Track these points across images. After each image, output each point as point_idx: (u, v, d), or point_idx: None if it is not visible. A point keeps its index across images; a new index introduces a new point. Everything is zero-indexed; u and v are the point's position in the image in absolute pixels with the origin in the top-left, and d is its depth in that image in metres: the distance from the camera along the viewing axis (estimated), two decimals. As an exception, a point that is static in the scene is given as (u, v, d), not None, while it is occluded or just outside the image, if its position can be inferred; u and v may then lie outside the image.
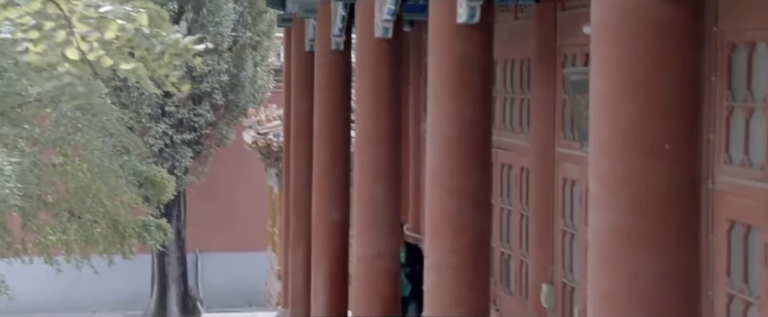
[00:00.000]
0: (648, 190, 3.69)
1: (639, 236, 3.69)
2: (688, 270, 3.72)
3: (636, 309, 3.68)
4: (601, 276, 3.77)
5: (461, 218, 6.23)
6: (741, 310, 5.96)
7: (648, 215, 3.69)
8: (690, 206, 3.75)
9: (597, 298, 3.79)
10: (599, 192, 3.78)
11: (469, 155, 6.22)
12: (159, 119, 20.85)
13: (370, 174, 8.78)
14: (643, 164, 3.69)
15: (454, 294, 6.21)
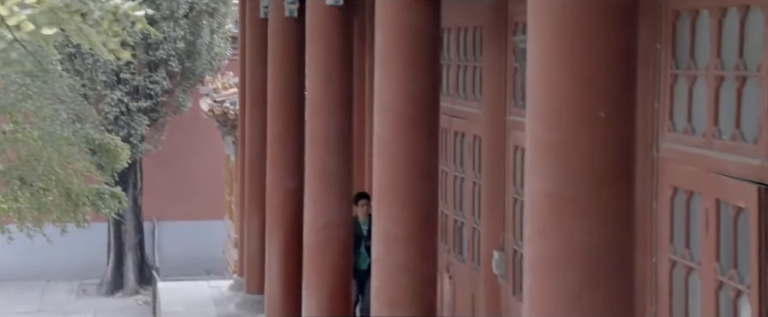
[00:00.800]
0: (583, 157, 3.72)
1: (574, 202, 3.73)
2: (622, 237, 3.77)
3: (570, 275, 3.73)
4: (537, 242, 3.82)
5: (408, 188, 6.26)
6: (683, 275, 6.04)
7: (583, 182, 3.73)
8: (625, 173, 3.80)
9: (533, 263, 3.83)
10: (535, 159, 3.81)
11: (416, 125, 6.25)
12: (114, 86, 20.67)
13: (322, 143, 8.79)
14: (579, 131, 3.72)
15: (401, 263, 6.25)
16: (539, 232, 3.80)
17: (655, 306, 6.29)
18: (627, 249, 3.81)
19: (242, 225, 14.22)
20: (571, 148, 3.72)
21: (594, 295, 3.74)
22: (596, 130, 3.72)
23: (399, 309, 6.24)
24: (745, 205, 5.28)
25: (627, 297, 3.81)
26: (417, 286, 6.24)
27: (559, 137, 3.74)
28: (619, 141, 3.77)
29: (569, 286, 3.73)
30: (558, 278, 3.75)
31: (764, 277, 5.15)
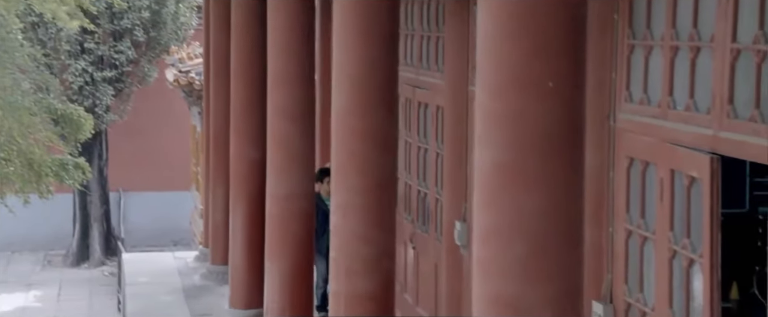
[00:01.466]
0: (531, 128, 3.73)
1: (522, 173, 3.75)
2: (570, 206, 3.79)
3: (518, 244, 3.75)
4: (486, 212, 3.83)
5: (366, 157, 6.26)
6: (638, 245, 6.09)
7: (531, 152, 3.74)
8: (573, 143, 3.81)
9: (482, 233, 3.85)
10: (484, 130, 3.82)
11: (374, 95, 6.24)
12: (78, 56, 20.49)
13: (284, 114, 8.77)
14: (527, 102, 3.73)
15: (358, 233, 6.26)
16: (488, 202, 3.81)
17: (611, 275, 6.35)
18: (575, 219, 3.83)
19: (207, 196, 14.18)
20: (519, 118, 3.73)
21: (542, 264, 3.77)
22: (545, 100, 3.73)
23: (356, 278, 6.26)
24: (698, 175, 5.32)
25: (576, 266, 3.84)
26: (374, 256, 6.25)
27: (507, 107, 3.74)
28: (568, 111, 3.78)
29: (518, 256, 3.75)
30: (507, 248, 3.77)
31: (715, 246, 5.21)
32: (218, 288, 12.63)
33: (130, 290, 13.32)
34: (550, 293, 3.76)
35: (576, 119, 3.82)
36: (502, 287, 3.77)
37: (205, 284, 13.15)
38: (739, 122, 5.03)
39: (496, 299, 3.79)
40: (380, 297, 6.24)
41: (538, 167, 3.73)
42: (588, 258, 6.45)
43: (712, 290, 5.20)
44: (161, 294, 12.79)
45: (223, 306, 11.65)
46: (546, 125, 3.73)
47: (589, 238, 6.44)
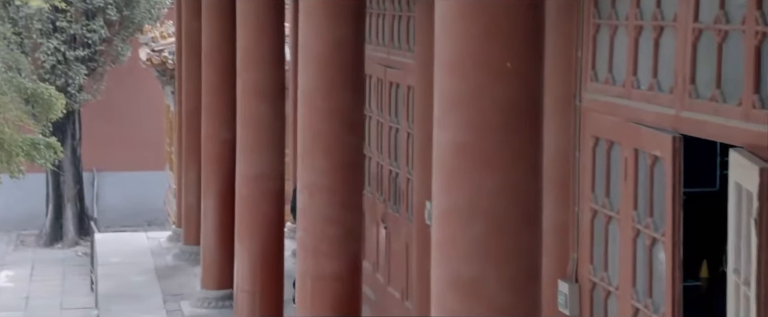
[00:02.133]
0: (489, 108, 3.73)
1: (480, 152, 3.75)
2: (527, 186, 3.80)
3: (477, 224, 3.76)
4: (445, 192, 3.83)
5: (332, 138, 6.25)
6: (603, 224, 6.12)
7: (489, 132, 3.74)
8: (531, 122, 3.82)
9: (441, 213, 3.86)
10: (442, 110, 3.82)
11: (340, 75, 6.22)
12: (50, 34, 20.32)
13: (254, 94, 8.74)
14: (485, 82, 3.73)
15: (325, 214, 6.26)
16: (446, 183, 3.81)
17: (576, 254, 6.38)
18: (534, 198, 3.84)
19: (180, 176, 14.15)
20: (477, 98, 3.73)
21: (501, 244, 3.78)
22: (502, 80, 3.73)
23: (323, 259, 6.26)
24: (661, 154, 5.34)
25: (534, 245, 3.85)
26: (341, 237, 6.25)
27: (465, 87, 3.74)
28: (527, 91, 3.78)
29: (476, 236, 3.76)
30: (465, 228, 3.77)
31: (678, 225, 5.23)
32: (191, 268, 12.62)
33: (102, 270, 13.29)
34: (508, 273, 3.77)
35: (534, 99, 3.82)
36: (461, 268, 3.78)
37: (178, 264, 13.13)
38: (700, 102, 5.05)
39: (454, 280, 3.80)
40: (347, 277, 6.25)
41: (496, 147, 3.74)
42: (555, 238, 6.50)
43: (673, 268, 5.24)
44: (133, 274, 12.77)
45: (195, 286, 11.65)
46: (504, 105, 3.73)
47: (556, 218, 6.48)
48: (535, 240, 3.85)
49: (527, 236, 3.80)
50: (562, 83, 6.40)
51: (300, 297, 6.43)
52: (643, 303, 5.61)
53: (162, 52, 17.53)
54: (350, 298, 6.30)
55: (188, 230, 13.28)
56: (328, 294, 6.26)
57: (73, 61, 20.58)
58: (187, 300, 11.49)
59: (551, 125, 6.51)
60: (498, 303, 3.76)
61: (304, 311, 6.36)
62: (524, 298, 3.80)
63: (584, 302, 6.30)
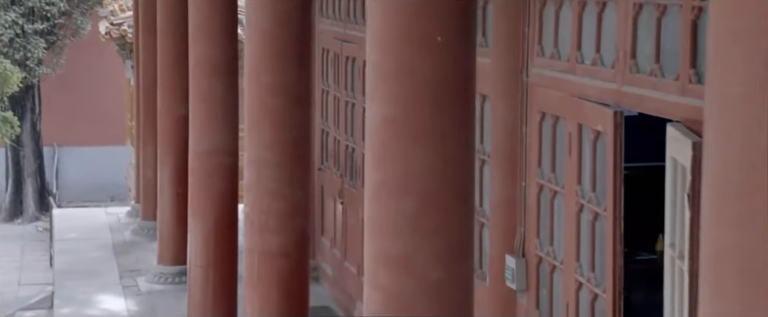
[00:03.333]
0: (419, 82, 3.71)
1: (411, 128, 3.73)
2: (458, 161, 3.78)
3: (407, 200, 3.74)
4: (376, 168, 3.81)
5: (279, 113, 6.20)
6: (549, 199, 6.13)
7: (420, 107, 3.72)
8: (462, 97, 3.80)
9: (372, 190, 3.83)
10: (374, 84, 3.79)
11: (287, 49, 6.17)
12: (8, 7, 20.05)
13: (206, 68, 8.66)
14: (415, 56, 3.70)
15: (271, 189, 6.22)
16: (378, 158, 3.79)
17: (523, 229, 6.39)
18: (465, 173, 3.83)
19: (138, 152, 14.05)
20: (407, 73, 3.70)
21: (432, 220, 3.76)
22: (433, 55, 3.70)
23: (269, 235, 6.23)
24: (603, 129, 5.35)
25: (465, 221, 3.84)
26: (288, 212, 6.22)
27: (395, 61, 3.71)
28: (457, 66, 3.76)
29: (407, 211, 3.74)
30: (396, 204, 3.76)
31: (619, 199, 5.25)
32: (148, 243, 12.55)
33: (58, 246, 13.19)
34: (439, 248, 3.77)
35: (466, 74, 3.80)
36: (391, 244, 3.77)
37: (136, 240, 13.06)
38: (640, 77, 5.06)
39: (385, 256, 3.79)
40: (293, 253, 6.22)
41: (426, 122, 3.72)
42: (502, 213, 6.51)
43: (614, 243, 5.25)
44: (90, 249, 12.68)
45: (152, 262, 11.59)
46: (434, 80, 3.71)
47: (503, 193, 6.49)
48: (467, 216, 3.84)
49: (458, 212, 3.79)
50: (510, 58, 6.39)
51: (247, 272, 6.40)
52: (586, 277, 5.64)
53: (121, 26, 17.36)
54: (297, 274, 6.28)
55: (146, 206, 13.20)
56: (275, 270, 6.23)
57: (31, 34, 20.34)
58: (143, 275, 11.44)
59: (499, 101, 6.51)
60: (429, 279, 3.76)
61: (251, 287, 6.34)
62: (455, 274, 3.80)
63: (530, 276, 6.32)
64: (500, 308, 6.59)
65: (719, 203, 1.77)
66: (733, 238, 1.74)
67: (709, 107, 1.83)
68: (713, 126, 1.82)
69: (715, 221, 1.78)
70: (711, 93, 1.83)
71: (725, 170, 1.76)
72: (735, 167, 1.74)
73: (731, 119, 1.76)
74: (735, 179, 1.74)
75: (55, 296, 11.04)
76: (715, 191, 1.79)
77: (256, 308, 6.30)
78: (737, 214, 1.73)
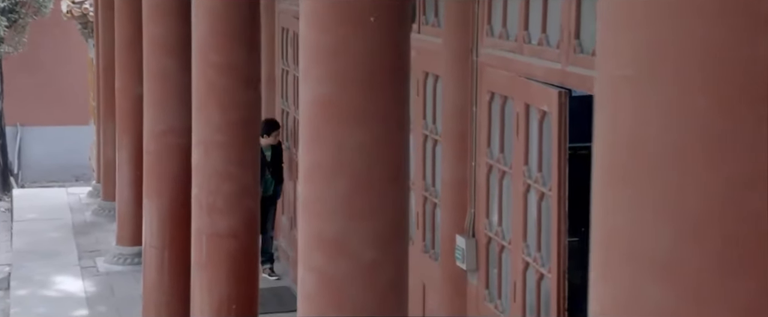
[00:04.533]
0: (352, 62, 3.68)
1: (344, 108, 3.70)
2: (392, 142, 3.76)
3: (340, 180, 3.71)
4: (310, 148, 3.78)
5: (227, 93, 6.14)
6: (498, 179, 6.13)
7: (352, 87, 3.69)
8: (396, 77, 3.77)
9: (306, 170, 3.80)
10: (307, 64, 3.75)
11: (235, 29, 6.10)
12: (-32, -14, 19.84)
13: (160, 47, 8.57)
14: (348, 35, 3.67)
15: (220, 170, 6.17)
16: (311, 138, 3.76)
17: (473, 209, 6.39)
18: (399, 153, 3.80)
19: (98, 131, 13.95)
20: (340, 52, 3.67)
21: (365, 200, 3.74)
22: (366, 34, 3.67)
23: (218, 216, 6.19)
24: (548, 109, 5.34)
25: (399, 201, 3.82)
26: (236, 193, 6.18)
27: (329, 41, 3.68)
28: (391, 45, 3.73)
29: (340, 192, 3.72)
30: (329, 185, 3.73)
31: (563, 179, 5.25)
32: (109, 224, 12.47)
33: (17, 226, 13.08)
34: (373, 228, 3.74)
35: (400, 54, 3.77)
36: (325, 225, 3.74)
37: (96, 220, 12.98)
38: (584, 57, 5.05)
39: (319, 237, 3.77)
40: (242, 234, 6.19)
41: (359, 102, 3.69)
42: (453, 193, 6.50)
43: (559, 223, 5.26)
44: (49, 230, 12.59)
45: (111, 243, 11.52)
46: (367, 60, 3.68)
47: (454, 173, 6.48)
48: (401, 196, 3.82)
49: (392, 193, 3.77)
50: (460, 38, 6.37)
51: (195, 254, 6.36)
52: (533, 257, 5.64)
53: (83, 4, 17.19)
54: (246, 255, 6.25)
55: (106, 186, 13.12)
56: (224, 251, 6.20)
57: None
58: (102, 256, 11.37)
59: (450, 80, 6.49)
60: (363, 260, 3.74)
61: (199, 268, 6.30)
62: (389, 254, 3.78)
63: (480, 256, 6.32)
64: (451, 288, 6.60)
65: (608, 187, 1.76)
66: (621, 221, 1.73)
67: (598, 91, 1.81)
68: (601, 110, 1.80)
69: (605, 204, 1.76)
70: (600, 76, 1.81)
71: (613, 153, 1.75)
72: (622, 150, 1.73)
73: (618, 102, 1.74)
74: (622, 162, 1.72)
75: (12, 277, 10.95)
76: (604, 175, 1.77)
77: (204, 289, 6.27)
78: (625, 198, 1.72)
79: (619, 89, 1.74)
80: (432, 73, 6.96)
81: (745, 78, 1.64)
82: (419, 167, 7.24)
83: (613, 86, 1.76)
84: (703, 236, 1.65)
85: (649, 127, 1.69)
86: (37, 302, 10.01)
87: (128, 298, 9.95)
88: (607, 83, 1.78)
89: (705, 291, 1.66)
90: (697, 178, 1.66)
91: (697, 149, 1.66)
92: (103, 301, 10.07)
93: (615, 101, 1.75)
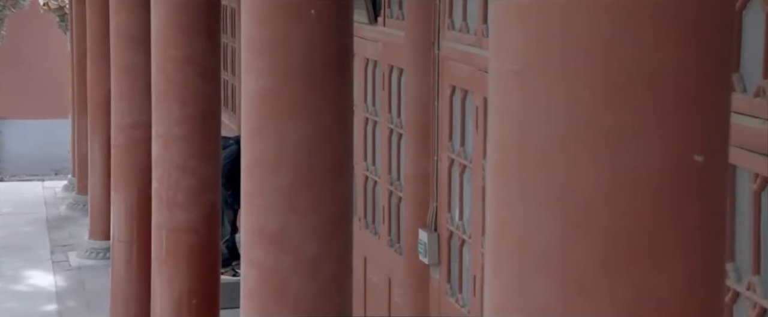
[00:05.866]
0: (294, 55, 3.65)
1: (285, 101, 3.67)
2: (335, 136, 3.73)
3: (281, 175, 3.68)
4: (251, 142, 3.75)
5: (186, 86, 6.11)
6: (459, 173, 6.11)
7: (293, 80, 3.66)
8: (338, 70, 3.74)
9: (248, 166, 3.77)
10: (248, 57, 3.72)
11: (194, 21, 6.06)
12: (-55, -23, 19.71)
13: (127, 40, 8.53)
14: (288, 28, 3.64)
15: (179, 164, 6.14)
16: (252, 132, 3.73)
17: (436, 203, 6.37)
18: (342, 147, 3.77)
19: (73, 124, 13.90)
20: (281, 46, 3.64)
21: (306, 195, 3.71)
22: (308, 27, 3.64)
23: (178, 211, 6.15)
24: (505, 103, 5.31)
25: (342, 195, 3.79)
26: (197, 187, 6.14)
27: (270, 34, 3.64)
28: (333, 39, 3.69)
29: (281, 187, 3.69)
30: (270, 179, 3.70)
31: (519, 174, 5.22)
32: (83, 218, 12.42)
33: (-9, 221, 13.04)
34: (314, 223, 3.72)
35: (342, 47, 3.74)
36: (266, 219, 3.71)
37: (70, 214, 12.94)
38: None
39: (260, 231, 3.74)
40: (202, 229, 6.16)
41: (300, 96, 3.66)
42: (416, 187, 6.48)
43: (515, 218, 5.23)
44: (23, 224, 12.54)
45: (85, 237, 11.48)
46: (308, 53, 3.65)
47: (417, 167, 6.46)
48: (343, 190, 3.79)
49: (334, 186, 3.74)
50: (422, 31, 6.34)
51: (155, 249, 6.33)
52: (491, 252, 5.62)
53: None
54: (206, 250, 6.21)
55: (81, 179, 13.07)
56: (184, 246, 6.16)
57: (-31, 5, 20.00)
58: (75, 250, 11.32)
59: (413, 74, 6.46)
60: (304, 254, 3.71)
61: (160, 263, 6.27)
62: (332, 248, 3.75)
63: (442, 250, 6.30)
64: (414, 282, 6.58)
65: (498, 182, 1.73)
66: (510, 217, 1.71)
67: (490, 86, 1.79)
68: (492, 105, 1.78)
69: (495, 199, 1.74)
70: (491, 72, 1.79)
71: (502, 149, 1.73)
72: (511, 145, 1.70)
73: (507, 97, 1.72)
74: (511, 157, 1.70)
75: (-17, 271, 10.91)
76: (495, 170, 1.75)
77: (164, 284, 6.23)
78: (514, 193, 1.70)
79: (507, 84, 1.72)
80: (397, 66, 6.94)
81: (629, 73, 1.61)
82: (385, 161, 7.21)
83: (502, 80, 1.74)
84: (587, 232, 1.63)
85: (536, 122, 1.67)
86: (7, 297, 9.97)
87: (99, 292, 9.91)
88: (497, 78, 1.76)
89: (589, 287, 1.64)
90: (582, 173, 1.64)
91: (582, 145, 1.64)
92: (73, 296, 10.03)
93: (504, 96, 1.73)
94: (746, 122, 3.32)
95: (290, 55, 3.65)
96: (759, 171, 3.31)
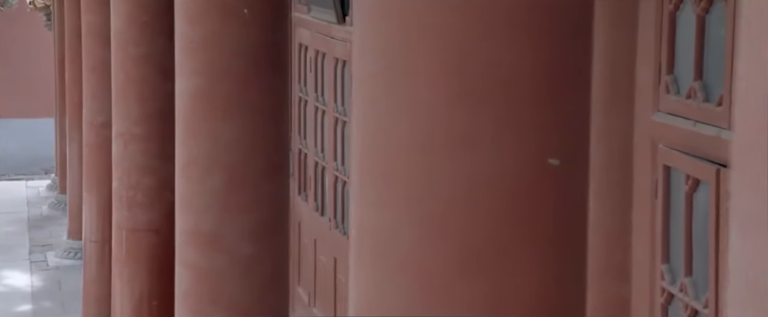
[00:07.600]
0: (226, 55, 3.61)
1: (217, 101, 3.63)
2: (268, 135, 3.69)
3: (215, 176, 3.65)
4: (184, 143, 3.71)
5: (146, 85, 6.07)
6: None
7: (226, 79, 3.62)
8: (274, 71, 3.70)
9: (181, 164, 3.74)
10: (181, 57, 3.68)
11: (153, 18, 6.02)
12: (-69, -23, 19.67)
13: (97, 38, 8.49)
14: (222, 28, 3.60)
15: (139, 164, 6.10)
16: (185, 132, 3.69)
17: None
18: (277, 147, 3.73)
19: (56, 124, 13.87)
20: (214, 45, 3.60)
21: (241, 195, 3.67)
22: (240, 27, 3.60)
23: (139, 210, 6.11)
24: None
25: (277, 195, 3.75)
26: (156, 187, 6.10)
27: (202, 33, 3.60)
28: (267, 37, 3.65)
29: (215, 188, 3.65)
30: (204, 180, 3.66)
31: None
32: (64, 217, 12.37)
33: (-28, 220, 12.98)
34: (248, 224, 3.68)
35: (277, 46, 3.70)
36: (200, 220, 3.68)
37: (52, 214, 12.89)
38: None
39: (194, 232, 3.70)
40: (163, 229, 6.11)
41: (233, 95, 3.62)
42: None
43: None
44: (4, 224, 12.49)
45: (63, 237, 11.44)
46: (242, 52, 3.61)
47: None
48: (279, 190, 3.75)
49: (269, 187, 3.70)
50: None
51: (115, 249, 6.29)
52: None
53: (45, -4, 17.06)
54: (167, 250, 6.16)
55: (63, 179, 13.03)
56: (144, 246, 6.12)
57: (-44, 5, 19.97)
58: (53, 250, 11.28)
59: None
60: (238, 254, 3.67)
61: (119, 263, 6.23)
62: (267, 248, 3.71)
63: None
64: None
65: (360, 184, 1.70)
66: (370, 220, 1.67)
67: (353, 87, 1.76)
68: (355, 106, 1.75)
69: (358, 202, 1.71)
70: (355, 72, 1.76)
71: (364, 150, 1.69)
72: (372, 147, 1.67)
73: (369, 98, 1.68)
74: (372, 159, 1.67)
75: (-40, 271, 10.87)
76: (357, 172, 1.71)
77: (125, 284, 6.20)
78: (374, 195, 1.66)
79: (370, 85, 1.69)
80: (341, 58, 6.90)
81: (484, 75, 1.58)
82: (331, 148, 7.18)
83: (365, 81, 1.71)
84: (445, 233, 1.60)
85: (395, 123, 1.64)
86: (-18, 297, 9.93)
87: (75, 293, 9.86)
88: (360, 79, 1.72)
89: (448, 290, 1.61)
90: (440, 175, 1.60)
91: (440, 147, 1.60)
92: (48, 296, 9.99)
93: (367, 97, 1.69)
94: (679, 123, 3.27)
95: (222, 54, 3.61)
96: (691, 173, 3.26)
